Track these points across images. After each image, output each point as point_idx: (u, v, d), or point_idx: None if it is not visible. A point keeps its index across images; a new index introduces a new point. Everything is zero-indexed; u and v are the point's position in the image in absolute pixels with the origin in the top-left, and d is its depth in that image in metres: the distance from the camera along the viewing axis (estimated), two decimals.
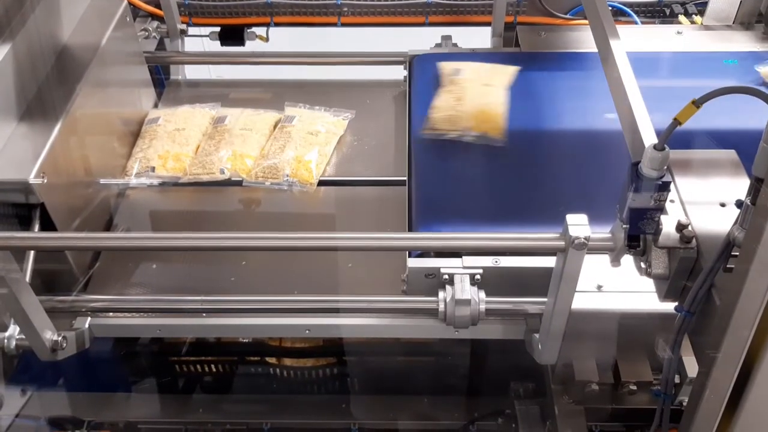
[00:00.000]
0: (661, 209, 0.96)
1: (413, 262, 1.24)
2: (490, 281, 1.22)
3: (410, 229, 1.36)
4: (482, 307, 1.20)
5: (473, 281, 1.21)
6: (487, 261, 1.22)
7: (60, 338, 1.21)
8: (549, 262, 1.09)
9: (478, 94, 1.52)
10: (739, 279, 0.78)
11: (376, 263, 1.38)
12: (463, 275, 1.21)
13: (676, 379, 1.10)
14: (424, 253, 1.25)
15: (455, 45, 1.83)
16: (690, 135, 1.12)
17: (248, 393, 1.70)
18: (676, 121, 0.87)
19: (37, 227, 1.24)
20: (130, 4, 1.74)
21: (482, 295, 1.20)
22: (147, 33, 1.88)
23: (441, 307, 1.21)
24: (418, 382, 1.69)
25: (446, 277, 1.21)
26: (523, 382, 1.49)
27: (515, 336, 1.30)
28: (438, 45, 1.83)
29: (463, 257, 1.23)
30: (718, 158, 1.08)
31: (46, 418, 1.60)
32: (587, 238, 0.99)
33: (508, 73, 1.59)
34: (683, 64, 1.64)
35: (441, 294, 1.21)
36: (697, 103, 0.86)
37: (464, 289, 1.20)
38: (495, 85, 1.55)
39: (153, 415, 1.64)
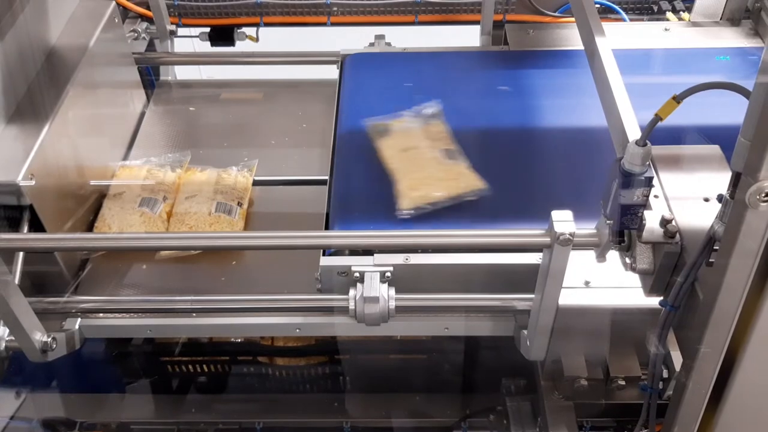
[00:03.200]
0: (645, 205, 0.96)
1: (326, 261, 1.24)
2: (401, 278, 1.22)
3: (327, 228, 1.35)
4: (392, 304, 1.20)
5: (383, 278, 1.21)
6: (399, 258, 1.23)
7: (50, 339, 1.21)
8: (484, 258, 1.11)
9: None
10: (719, 273, 0.78)
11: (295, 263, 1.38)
12: (373, 273, 1.21)
13: (665, 374, 1.11)
14: (337, 251, 1.25)
15: (388, 44, 1.82)
16: (677, 131, 1.13)
17: (240, 392, 1.71)
18: (657, 117, 0.88)
19: (25, 229, 1.24)
20: (119, 5, 1.74)
21: (392, 292, 1.20)
22: (136, 34, 1.88)
23: (351, 304, 1.21)
24: (409, 380, 1.70)
25: (357, 275, 1.22)
26: (514, 379, 1.50)
27: (505, 333, 1.30)
28: (371, 44, 1.82)
29: (375, 255, 1.23)
30: (702, 154, 1.08)
31: (38, 419, 1.61)
32: (572, 234, 1.00)
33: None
34: (671, 60, 1.65)
35: (351, 292, 1.21)
36: (678, 99, 0.86)
37: (373, 287, 1.20)
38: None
39: (145, 415, 1.65)
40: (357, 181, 1.41)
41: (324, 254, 1.25)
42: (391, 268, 1.22)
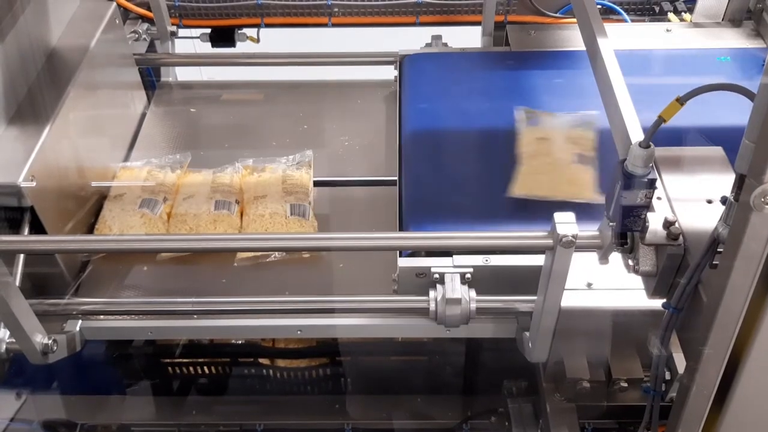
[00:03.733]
0: (648, 206, 0.96)
1: (404, 262, 1.24)
2: (480, 280, 1.22)
3: (401, 229, 1.36)
4: (473, 306, 1.20)
5: (463, 280, 1.21)
6: (478, 260, 1.22)
7: (50, 341, 1.21)
8: (540, 260, 1.09)
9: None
10: (723, 275, 0.78)
11: (368, 263, 1.39)
12: (453, 274, 1.21)
13: (667, 376, 1.10)
14: (415, 252, 1.25)
15: (445, 44, 1.83)
16: (680, 132, 1.13)
17: (241, 394, 1.70)
18: (661, 119, 0.88)
19: (26, 231, 1.24)
20: (119, 6, 1.74)
21: (473, 294, 1.20)
22: (137, 35, 1.88)
23: (432, 306, 1.21)
24: (411, 382, 1.70)
25: (437, 276, 1.22)
26: (516, 381, 1.50)
27: (507, 334, 1.30)
28: (428, 45, 1.83)
29: (454, 256, 1.23)
30: (705, 155, 1.08)
31: (39, 421, 1.60)
32: (575, 236, 0.99)
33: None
34: (673, 61, 1.65)
35: (432, 293, 1.21)
36: (681, 101, 0.86)
37: (455, 288, 1.20)
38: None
39: (146, 417, 1.64)
40: (429, 181, 1.41)
41: (400, 255, 1.25)
42: (472, 269, 1.21)
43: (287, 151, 1.62)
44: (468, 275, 1.21)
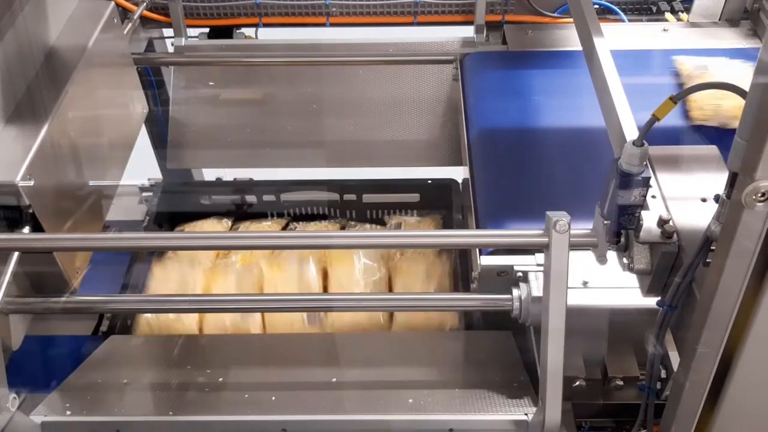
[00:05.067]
0: (642, 205, 0.97)
1: (485, 260, 1.23)
2: None
3: (477, 227, 1.35)
4: None
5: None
6: None
7: None
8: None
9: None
10: (716, 273, 0.79)
11: None
12: (537, 272, 1.20)
13: (663, 374, 1.11)
14: (495, 251, 1.24)
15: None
16: (675, 131, 1.13)
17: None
18: (654, 117, 0.88)
19: (24, 230, 1.24)
20: (118, 5, 1.74)
21: None
22: (135, 34, 1.88)
23: (516, 304, 1.19)
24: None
25: (520, 274, 1.21)
26: None
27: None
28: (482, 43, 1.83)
29: (536, 254, 1.22)
30: (699, 154, 1.08)
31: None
32: (568, 222, 0.99)
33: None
34: (669, 61, 1.65)
35: (515, 292, 1.20)
36: (675, 99, 0.86)
37: (540, 287, 1.18)
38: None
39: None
40: (502, 179, 1.41)
41: (481, 254, 1.24)
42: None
43: None
44: None
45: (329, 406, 1.20)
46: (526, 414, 1.18)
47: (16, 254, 1.23)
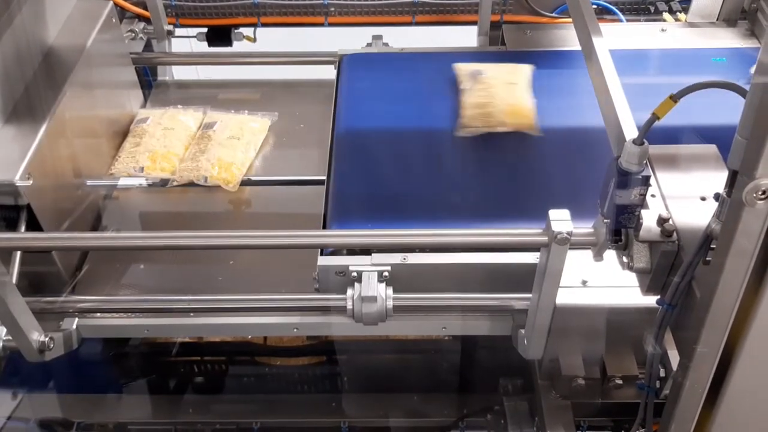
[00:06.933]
0: (642, 204, 0.97)
1: (323, 260, 1.24)
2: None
3: (325, 228, 1.35)
4: (390, 303, 1.20)
5: (381, 278, 1.21)
6: (396, 258, 1.22)
7: (47, 339, 1.21)
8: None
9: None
10: (716, 271, 0.79)
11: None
12: (371, 272, 1.21)
13: (662, 373, 1.11)
14: (335, 251, 1.25)
15: (386, 44, 1.83)
16: (673, 131, 1.13)
17: (238, 393, 1.71)
18: (654, 116, 0.88)
19: (23, 229, 1.24)
20: (116, 5, 1.74)
21: (390, 291, 1.20)
22: (134, 34, 1.88)
23: (349, 304, 1.20)
24: (408, 380, 1.70)
25: (354, 274, 1.22)
26: (511, 378, 1.50)
27: (502, 332, 1.31)
28: (369, 45, 1.83)
29: (372, 254, 1.23)
30: (698, 153, 1.08)
31: (35, 420, 1.60)
32: (570, 233, 1.00)
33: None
34: (667, 61, 1.65)
35: (349, 291, 1.21)
36: (675, 98, 0.87)
37: (371, 286, 1.19)
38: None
39: (143, 415, 1.64)
40: (355, 180, 1.41)
41: (322, 254, 1.25)
42: (389, 268, 1.22)
43: None
44: (386, 273, 1.21)
45: None
46: None
47: (19, 254, 1.23)
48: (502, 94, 1.50)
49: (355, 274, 1.21)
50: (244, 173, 1.56)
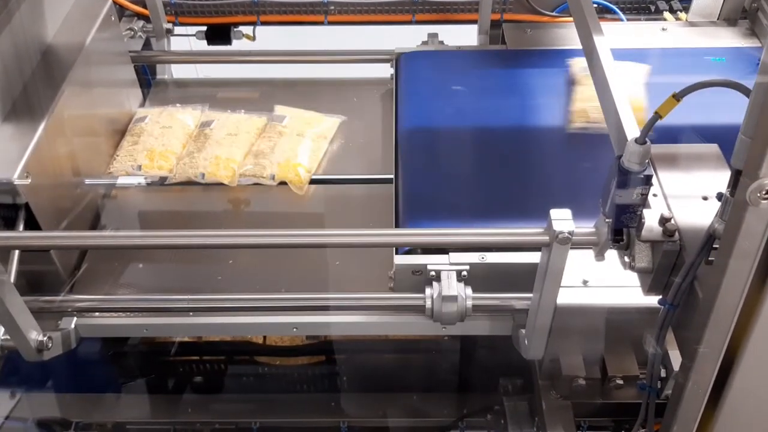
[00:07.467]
0: (644, 203, 0.96)
1: (400, 259, 1.24)
2: (476, 277, 1.22)
3: (397, 226, 1.36)
4: (469, 303, 1.20)
5: (460, 277, 1.21)
6: (474, 257, 1.22)
7: (45, 338, 1.21)
8: (536, 257, 1.09)
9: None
10: (719, 271, 0.78)
11: (364, 260, 1.38)
12: (449, 272, 1.21)
13: (663, 373, 1.11)
14: (411, 250, 1.25)
15: (441, 42, 1.83)
16: (675, 130, 1.13)
17: (237, 392, 1.70)
18: (657, 115, 0.88)
19: (21, 228, 1.24)
20: (115, 3, 1.73)
21: (469, 291, 1.20)
22: (133, 33, 1.87)
23: (428, 303, 1.21)
24: (407, 380, 1.70)
25: (433, 273, 1.21)
26: (511, 379, 1.50)
27: (502, 332, 1.30)
28: (424, 42, 1.83)
29: (450, 254, 1.23)
30: (700, 152, 1.08)
31: (33, 419, 1.60)
32: (571, 233, 0.99)
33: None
34: (668, 60, 1.65)
35: (428, 290, 1.21)
36: (678, 97, 0.86)
37: (451, 286, 1.20)
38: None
39: (142, 415, 1.64)
40: (425, 178, 1.41)
41: (397, 252, 1.24)
42: (468, 267, 1.21)
43: None
44: (464, 273, 1.21)
45: None
46: None
47: (17, 253, 1.22)
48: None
49: (433, 273, 1.21)
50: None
